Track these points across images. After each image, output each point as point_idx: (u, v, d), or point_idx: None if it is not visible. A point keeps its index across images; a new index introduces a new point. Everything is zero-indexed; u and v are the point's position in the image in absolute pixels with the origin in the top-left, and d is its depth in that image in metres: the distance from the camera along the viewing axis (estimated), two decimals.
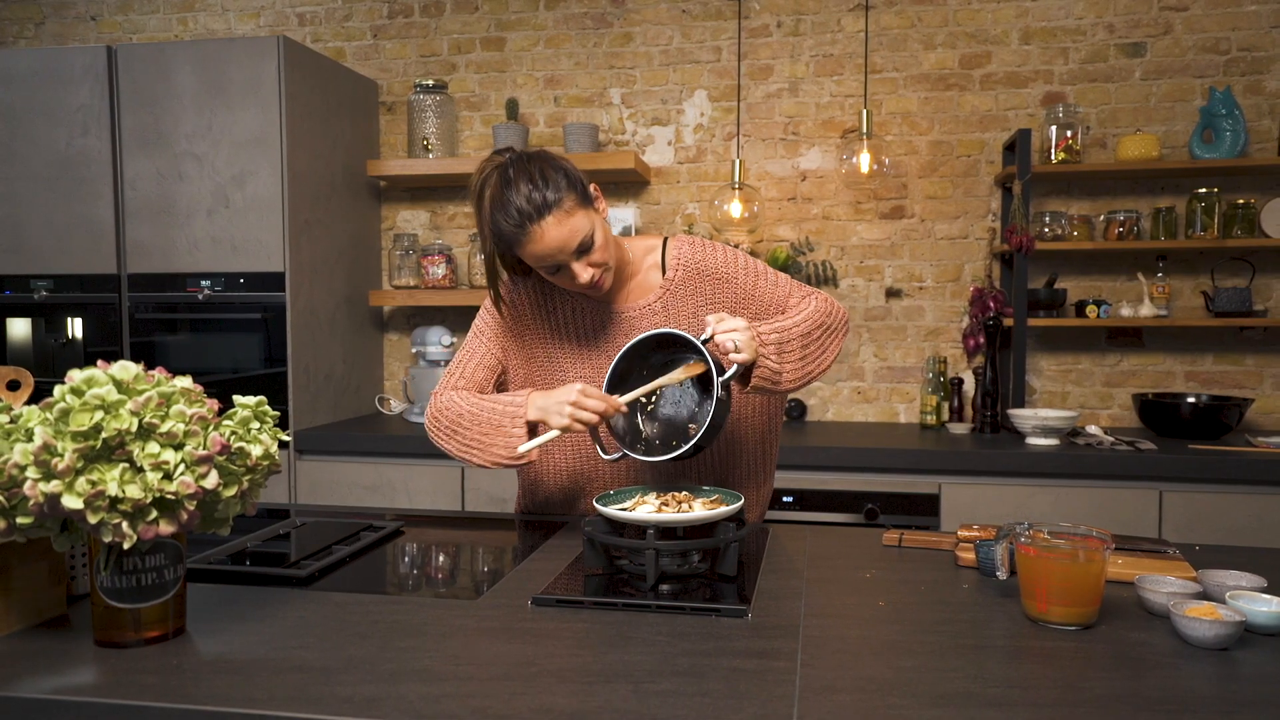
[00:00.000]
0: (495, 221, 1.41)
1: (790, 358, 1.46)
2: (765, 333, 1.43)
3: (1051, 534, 1.20)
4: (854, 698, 0.93)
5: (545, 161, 1.42)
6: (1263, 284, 2.93)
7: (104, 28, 3.64)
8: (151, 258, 2.89)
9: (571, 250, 1.41)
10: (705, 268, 1.57)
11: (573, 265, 1.43)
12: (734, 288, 1.58)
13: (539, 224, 1.38)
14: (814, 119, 3.16)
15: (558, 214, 1.38)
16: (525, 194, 1.38)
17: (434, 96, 3.18)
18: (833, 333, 1.55)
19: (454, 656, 1.03)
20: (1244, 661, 1.02)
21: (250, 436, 1.09)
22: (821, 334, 1.52)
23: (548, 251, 1.40)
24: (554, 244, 1.39)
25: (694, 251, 1.58)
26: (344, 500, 2.85)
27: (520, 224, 1.38)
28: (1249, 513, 2.40)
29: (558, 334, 1.60)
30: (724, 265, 1.58)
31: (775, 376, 1.43)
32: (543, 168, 1.41)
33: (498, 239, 1.43)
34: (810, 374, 1.51)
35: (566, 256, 1.41)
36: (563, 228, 1.39)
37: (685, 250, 1.58)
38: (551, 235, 1.39)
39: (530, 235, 1.38)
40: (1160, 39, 2.94)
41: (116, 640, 1.04)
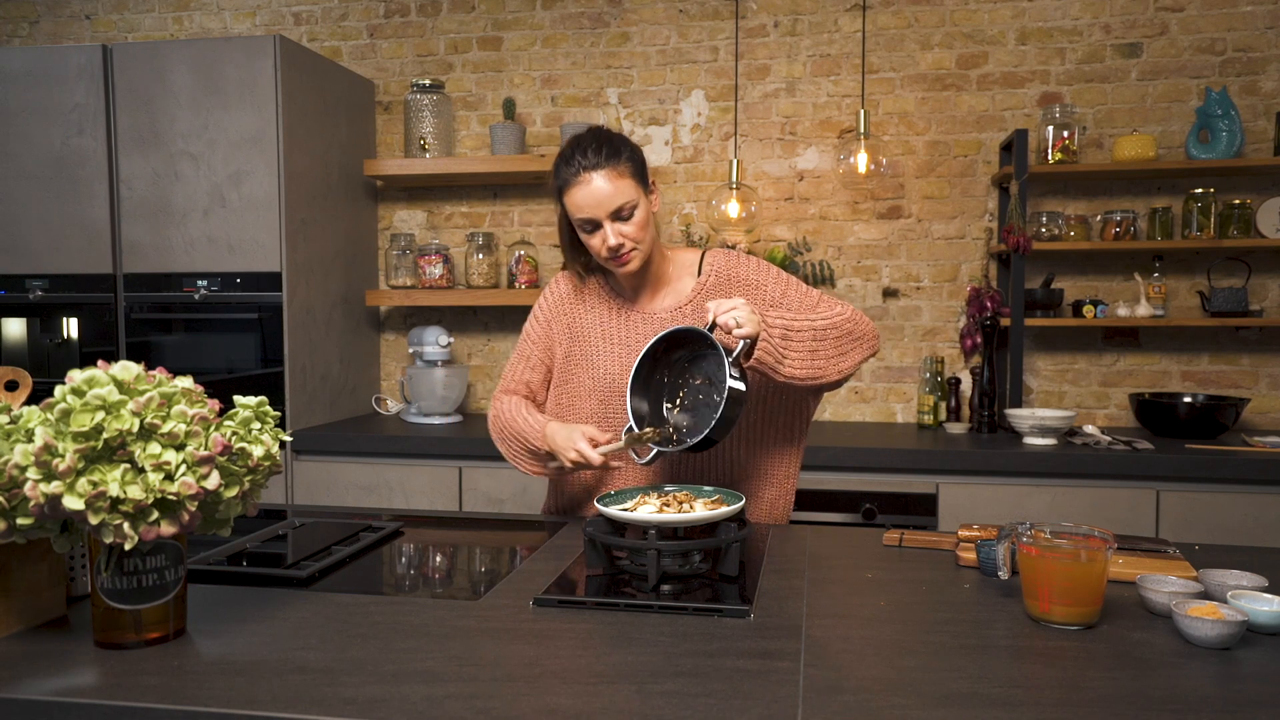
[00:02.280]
0: (558, 167, 1.56)
1: (797, 348, 1.50)
2: (772, 318, 1.48)
3: (1053, 534, 1.20)
4: (858, 698, 0.93)
5: (619, 137, 1.57)
6: (1258, 284, 2.94)
7: (99, 26, 3.62)
8: (147, 257, 2.88)
9: (610, 209, 1.51)
10: (737, 275, 1.66)
11: (606, 225, 1.53)
12: (763, 293, 1.65)
13: (590, 173, 1.51)
14: (811, 119, 3.16)
15: (609, 171, 1.51)
16: (590, 147, 1.53)
17: (431, 96, 3.17)
18: (855, 341, 1.59)
19: (456, 657, 1.02)
20: (1246, 661, 1.03)
21: (251, 437, 1.08)
22: (840, 338, 1.56)
23: (589, 201, 1.51)
24: (598, 195, 1.51)
25: (727, 260, 1.67)
26: (341, 501, 2.84)
27: (576, 170, 1.52)
28: (1246, 512, 2.41)
29: (592, 333, 1.68)
30: (755, 273, 1.67)
31: (777, 356, 1.46)
32: (613, 138, 1.56)
33: (557, 187, 1.56)
34: (821, 372, 1.54)
35: (603, 214, 1.52)
36: (609, 185, 1.51)
37: (720, 259, 1.67)
38: (598, 186, 1.50)
39: (579, 180, 1.51)
40: (1156, 39, 2.95)
41: (117, 641, 1.03)
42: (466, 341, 3.43)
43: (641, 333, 1.64)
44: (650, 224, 1.58)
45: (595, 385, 1.66)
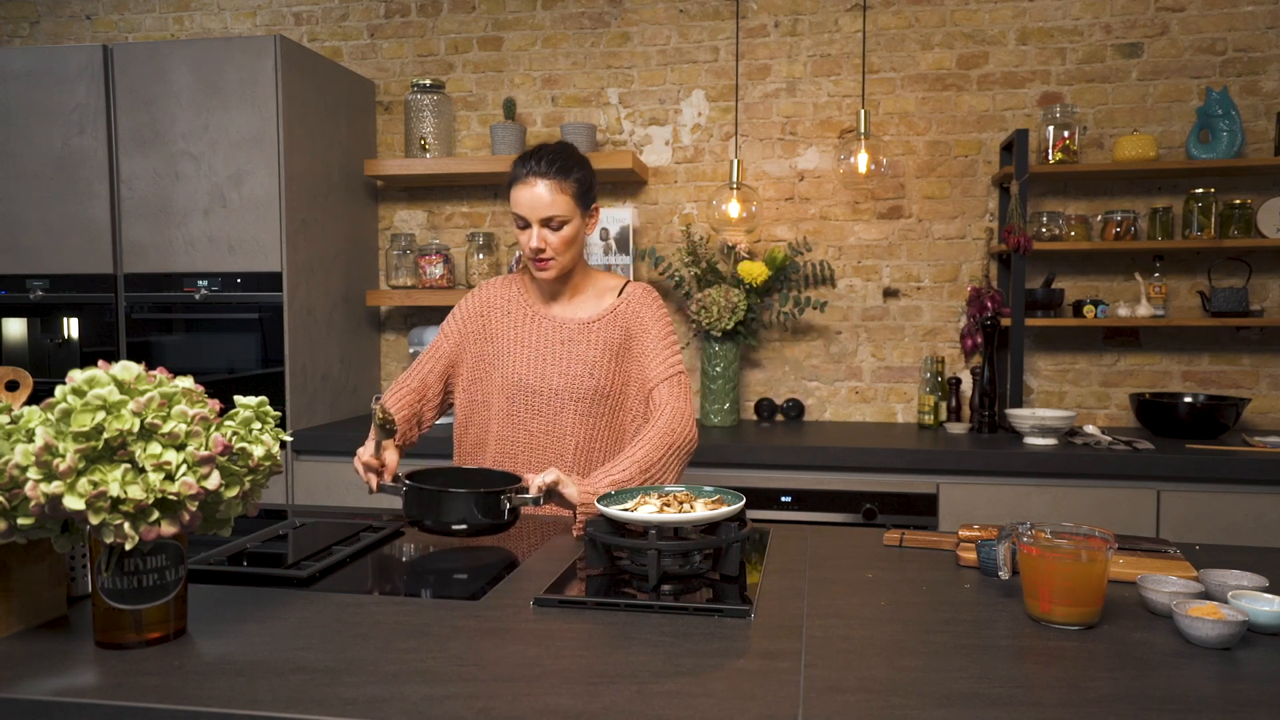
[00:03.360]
0: (515, 164, 1.73)
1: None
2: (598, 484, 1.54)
3: (1054, 534, 1.20)
4: (858, 698, 0.93)
5: (578, 158, 1.76)
6: (1259, 284, 2.94)
7: (99, 27, 3.62)
8: (148, 257, 2.88)
9: (541, 215, 1.70)
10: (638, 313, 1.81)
11: (535, 227, 1.70)
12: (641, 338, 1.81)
13: (537, 179, 1.69)
14: (811, 119, 3.16)
15: (553, 184, 1.69)
16: (546, 158, 1.71)
17: (431, 96, 3.18)
18: (677, 454, 1.69)
19: (457, 657, 1.02)
20: (1247, 661, 1.02)
21: (252, 437, 1.08)
22: (665, 458, 1.65)
23: (526, 202, 1.70)
24: (536, 200, 1.69)
25: (644, 296, 1.84)
26: (341, 501, 2.84)
27: (527, 172, 1.70)
28: (1246, 512, 2.41)
29: (505, 335, 1.83)
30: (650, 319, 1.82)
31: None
32: (570, 158, 1.74)
33: (509, 182, 1.73)
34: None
35: (535, 217, 1.70)
36: (548, 195, 1.69)
37: (638, 294, 1.84)
38: (539, 193, 1.69)
39: (524, 182, 1.70)
40: (1157, 39, 2.95)
41: (118, 641, 1.03)
42: None
43: (551, 338, 1.81)
44: (577, 242, 1.76)
45: (505, 384, 1.81)
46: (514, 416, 1.81)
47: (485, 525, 1.48)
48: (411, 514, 1.49)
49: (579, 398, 1.78)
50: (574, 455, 1.80)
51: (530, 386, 1.79)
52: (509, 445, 1.82)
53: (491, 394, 1.84)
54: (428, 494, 1.48)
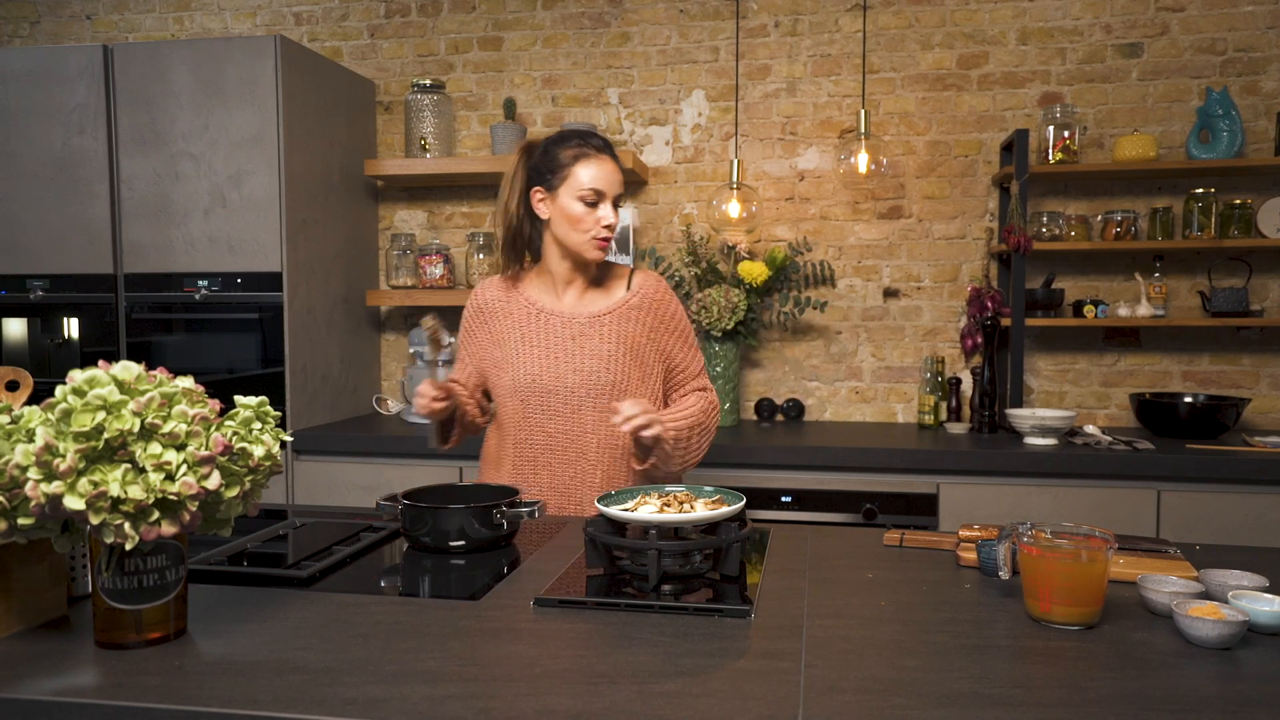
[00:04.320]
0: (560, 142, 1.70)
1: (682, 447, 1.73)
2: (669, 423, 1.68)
3: (1054, 534, 1.20)
4: (858, 698, 0.93)
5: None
6: (1259, 284, 2.94)
7: (99, 27, 3.63)
8: (148, 258, 2.88)
9: (615, 192, 1.71)
10: (661, 301, 1.81)
11: (608, 203, 1.70)
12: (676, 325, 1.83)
13: (605, 155, 1.70)
14: (812, 119, 3.16)
15: (617, 164, 1.72)
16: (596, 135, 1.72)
17: (431, 96, 3.18)
18: (705, 433, 1.80)
19: (457, 657, 1.02)
20: (1247, 661, 1.02)
21: (252, 437, 1.08)
22: (698, 435, 1.77)
23: (603, 176, 1.68)
24: (611, 174, 1.70)
25: (655, 286, 1.82)
26: (341, 501, 2.84)
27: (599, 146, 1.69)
28: (1246, 512, 2.40)
29: (511, 336, 1.79)
30: (674, 306, 1.84)
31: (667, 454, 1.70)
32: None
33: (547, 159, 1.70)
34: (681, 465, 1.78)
35: (611, 192, 1.70)
36: (617, 174, 1.71)
37: (648, 282, 1.82)
38: (611, 168, 1.70)
39: (597, 158, 1.69)
40: (1157, 39, 2.95)
41: (118, 641, 1.03)
42: None
43: (561, 335, 1.76)
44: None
45: (516, 387, 1.77)
46: (529, 419, 1.77)
47: (482, 540, 1.49)
48: (408, 531, 1.50)
49: (597, 394, 1.74)
50: (596, 452, 1.77)
51: (544, 387, 1.75)
52: (527, 449, 1.79)
53: (504, 399, 1.80)
54: (424, 511, 1.48)
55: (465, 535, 1.48)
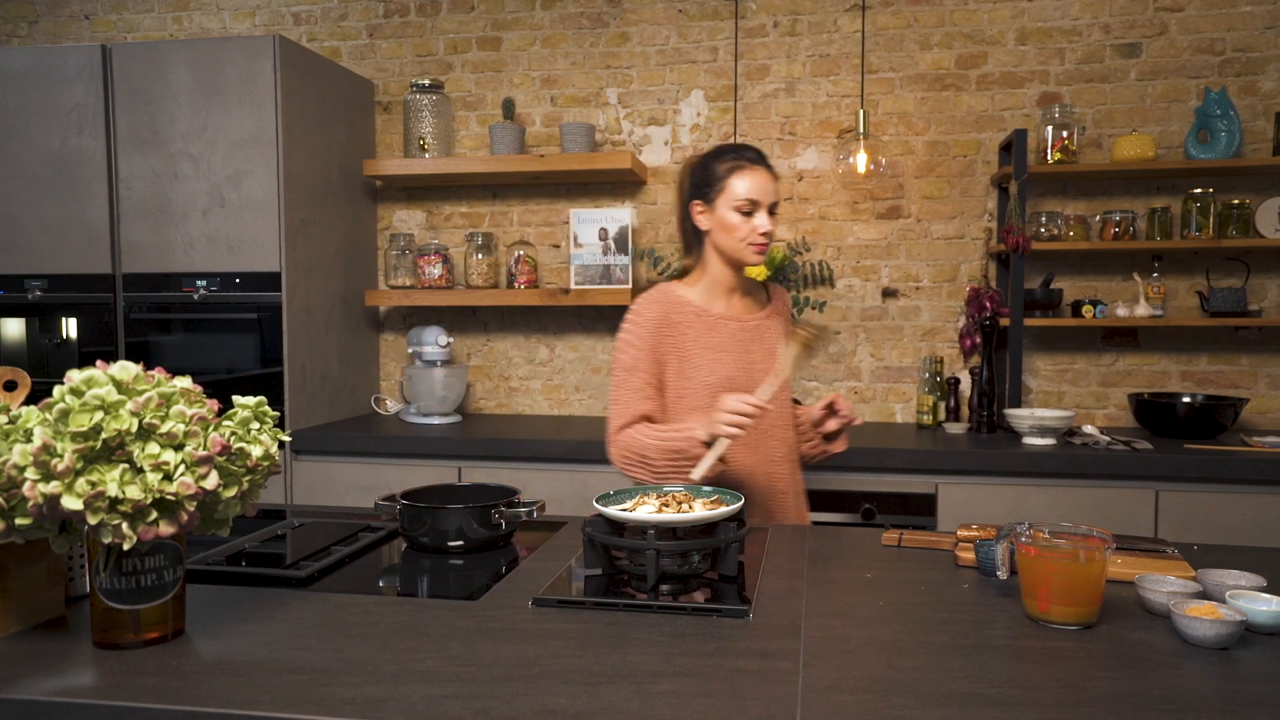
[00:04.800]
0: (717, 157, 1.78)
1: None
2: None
3: (1052, 534, 1.20)
4: (856, 698, 0.93)
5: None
6: (1257, 284, 2.94)
7: (98, 26, 3.62)
8: (147, 257, 2.88)
9: (770, 200, 1.77)
10: (785, 307, 1.97)
11: (763, 211, 1.76)
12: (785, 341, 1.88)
13: (760, 166, 1.77)
14: (810, 119, 3.16)
15: (771, 174, 1.79)
16: (750, 148, 1.80)
17: (430, 96, 3.17)
18: None
19: (455, 657, 1.02)
20: (1244, 661, 1.03)
21: (250, 437, 1.08)
22: None
23: (758, 185, 1.75)
24: (766, 184, 1.76)
25: (785, 296, 1.99)
26: (340, 501, 2.84)
27: (754, 158, 1.77)
28: (1245, 512, 2.41)
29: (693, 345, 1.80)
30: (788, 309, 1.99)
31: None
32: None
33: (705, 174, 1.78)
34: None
35: (766, 201, 1.76)
36: (770, 183, 1.78)
37: (780, 292, 1.98)
38: (764, 178, 1.76)
39: (753, 169, 1.76)
40: (1156, 39, 2.95)
41: (116, 642, 1.03)
42: (466, 342, 3.43)
43: (740, 338, 1.83)
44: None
45: (710, 388, 1.77)
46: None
47: (480, 540, 1.49)
48: (408, 531, 1.50)
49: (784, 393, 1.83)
50: (782, 451, 1.83)
51: (740, 387, 1.74)
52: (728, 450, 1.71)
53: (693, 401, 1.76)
54: (422, 511, 1.48)
55: (464, 535, 1.48)
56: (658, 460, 1.69)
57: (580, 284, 3.09)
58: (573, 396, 3.37)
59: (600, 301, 3.03)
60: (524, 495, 1.59)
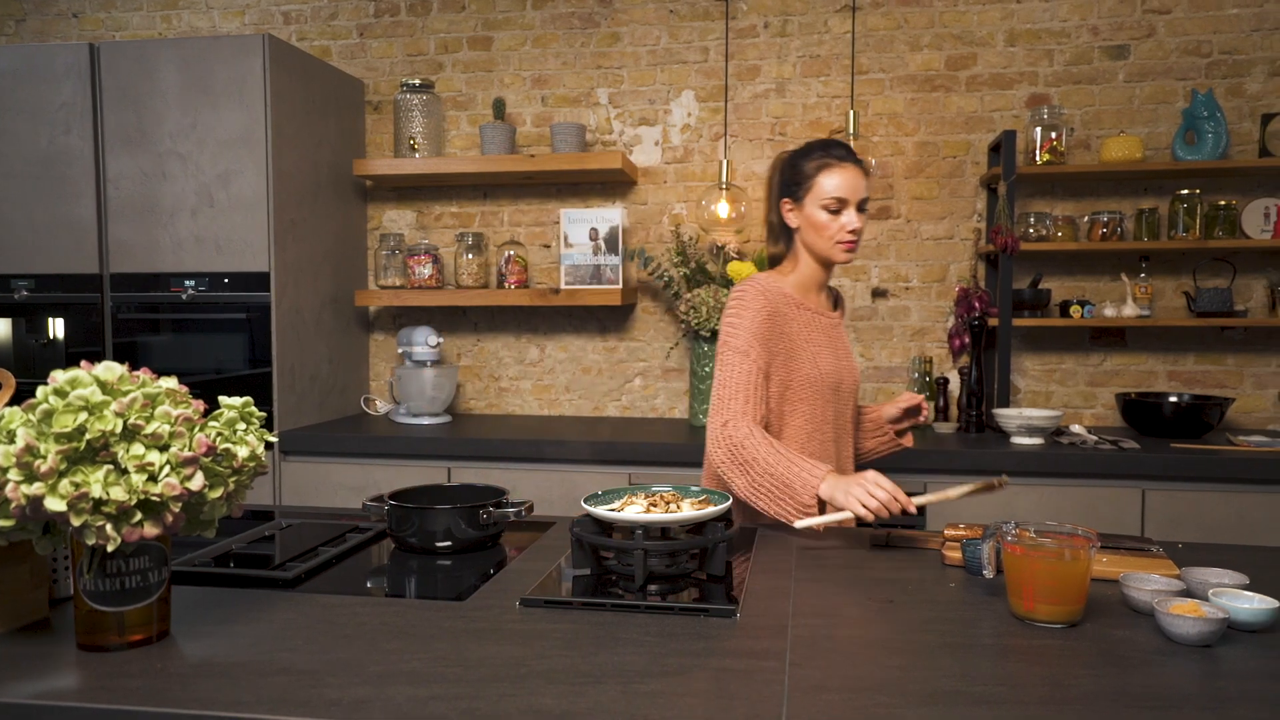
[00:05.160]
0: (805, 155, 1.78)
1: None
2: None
3: (1038, 533, 1.21)
4: (842, 697, 0.93)
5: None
6: (1243, 284, 2.96)
7: (86, 25, 3.60)
8: (134, 257, 2.87)
9: (858, 198, 1.75)
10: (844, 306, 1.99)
11: (852, 209, 1.75)
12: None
13: (849, 163, 1.75)
14: (801, 119, 3.17)
15: (860, 168, 1.77)
16: (845, 148, 1.78)
17: (420, 96, 3.17)
18: None
19: (442, 658, 1.02)
20: (1227, 658, 1.03)
21: (236, 438, 1.08)
22: None
23: (846, 183, 1.74)
24: (855, 182, 1.75)
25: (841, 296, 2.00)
26: (329, 502, 2.84)
27: (841, 156, 1.75)
28: (1230, 511, 2.42)
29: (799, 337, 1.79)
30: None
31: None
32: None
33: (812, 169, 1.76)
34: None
35: (854, 199, 1.75)
36: (860, 179, 1.76)
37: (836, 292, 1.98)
38: (853, 175, 1.75)
39: (841, 166, 1.74)
40: (1143, 41, 2.97)
41: (100, 644, 1.03)
42: (456, 342, 3.43)
43: (830, 333, 1.85)
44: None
45: (814, 380, 1.78)
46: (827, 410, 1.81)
47: (469, 540, 1.49)
48: (396, 532, 1.50)
49: (857, 383, 1.91)
50: (851, 449, 1.91)
51: (833, 380, 1.80)
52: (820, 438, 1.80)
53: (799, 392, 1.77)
54: (410, 512, 1.48)
55: (452, 536, 1.48)
56: (761, 480, 1.58)
57: (571, 284, 3.09)
58: (563, 397, 3.37)
59: (591, 301, 3.03)
60: (513, 496, 1.59)
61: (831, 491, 1.51)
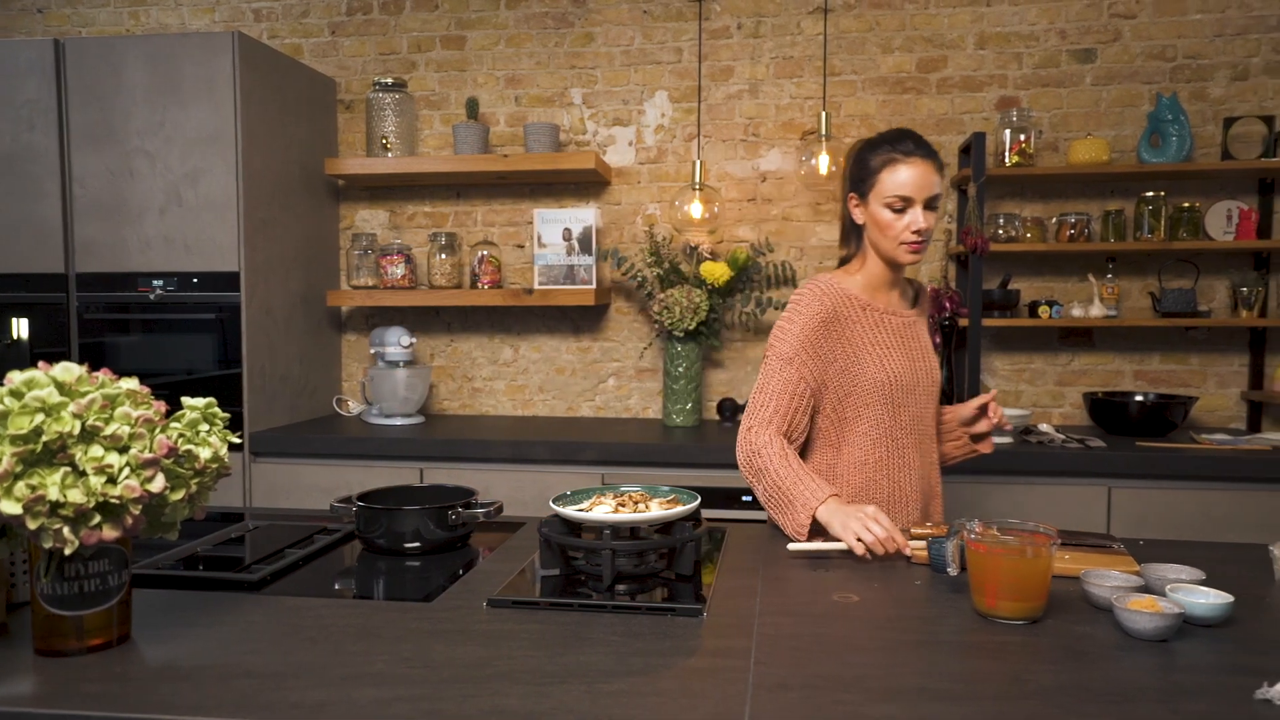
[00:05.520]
0: (873, 147, 1.67)
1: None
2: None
3: (1001, 530, 1.22)
4: (805, 694, 0.94)
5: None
6: (1206, 285, 3.01)
7: (51, 20, 3.55)
8: (101, 257, 2.83)
9: (925, 195, 1.63)
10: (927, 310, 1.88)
11: (918, 207, 1.64)
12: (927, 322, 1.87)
13: (919, 159, 1.63)
14: (774, 120, 3.18)
15: (933, 164, 1.65)
16: (916, 139, 1.66)
17: (393, 95, 3.15)
18: None
19: (406, 659, 1.02)
20: (1182, 652, 1.05)
21: (199, 439, 1.07)
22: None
23: (913, 179, 1.62)
24: (924, 178, 1.63)
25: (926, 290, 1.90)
26: (301, 503, 2.81)
27: (909, 151, 1.63)
28: (1194, 508, 2.46)
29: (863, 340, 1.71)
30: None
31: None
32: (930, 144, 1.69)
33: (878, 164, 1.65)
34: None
35: (920, 197, 1.63)
36: (930, 175, 1.64)
37: (923, 286, 1.89)
38: (920, 170, 1.63)
39: (909, 161, 1.63)
40: (1110, 45, 3.01)
41: (58, 649, 1.01)
42: (429, 342, 3.41)
43: (904, 334, 1.74)
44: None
45: (880, 385, 1.68)
46: (896, 416, 1.70)
47: (438, 541, 1.48)
48: (364, 533, 1.50)
49: (935, 386, 1.79)
50: (935, 453, 1.81)
51: (906, 382, 1.70)
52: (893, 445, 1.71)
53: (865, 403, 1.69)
54: (378, 513, 1.48)
55: (420, 537, 1.47)
56: (770, 490, 1.59)
57: (544, 284, 3.09)
58: (536, 397, 3.36)
59: (564, 302, 3.03)
60: (486, 496, 1.59)
61: (829, 517, 1.49)
